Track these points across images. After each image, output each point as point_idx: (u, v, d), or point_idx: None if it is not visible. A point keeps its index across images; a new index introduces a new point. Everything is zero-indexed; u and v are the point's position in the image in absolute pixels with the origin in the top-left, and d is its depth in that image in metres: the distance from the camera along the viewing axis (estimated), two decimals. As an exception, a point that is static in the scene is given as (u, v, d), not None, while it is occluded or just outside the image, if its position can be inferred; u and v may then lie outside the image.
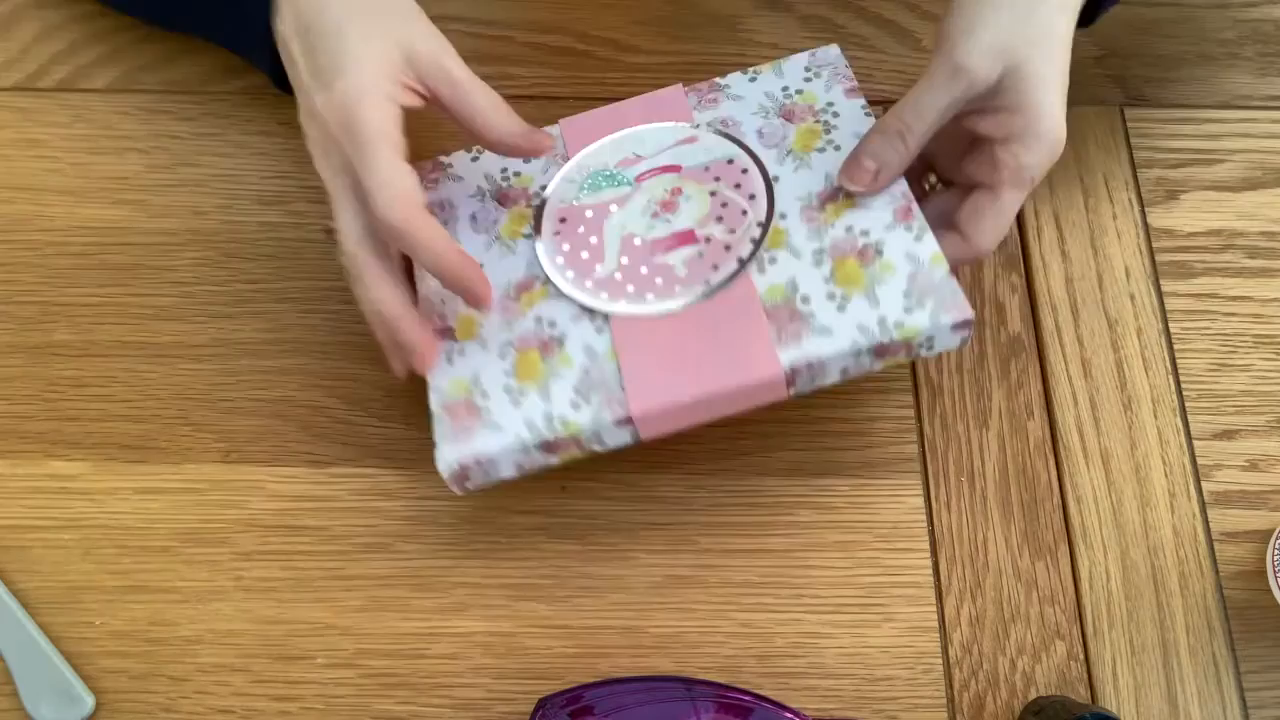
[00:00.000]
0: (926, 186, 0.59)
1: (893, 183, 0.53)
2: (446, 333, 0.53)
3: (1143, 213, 0.64)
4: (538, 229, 0.55)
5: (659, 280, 0.52)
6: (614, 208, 0.55)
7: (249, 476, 0.56)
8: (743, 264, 0.52)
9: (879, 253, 0.52)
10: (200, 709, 0.52)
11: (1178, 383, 0.59)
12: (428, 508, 0.56)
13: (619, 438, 0.50)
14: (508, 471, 0.51)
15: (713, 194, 0.55)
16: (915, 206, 0.53)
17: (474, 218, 0.56)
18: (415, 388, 0.53)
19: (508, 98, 0.52)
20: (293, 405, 0.58)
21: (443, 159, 0.58)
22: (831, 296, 0.51)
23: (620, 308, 0.52)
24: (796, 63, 0.59)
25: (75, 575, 0.54)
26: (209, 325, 0.60)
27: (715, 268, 0.52)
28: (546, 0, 0.70)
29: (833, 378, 0.51)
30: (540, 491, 0.56)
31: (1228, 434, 0.58)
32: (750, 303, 0.51)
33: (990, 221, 0.53)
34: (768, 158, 0.56)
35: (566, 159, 0.57)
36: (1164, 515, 0.56)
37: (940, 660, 0.53)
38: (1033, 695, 0.52)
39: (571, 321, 0.52)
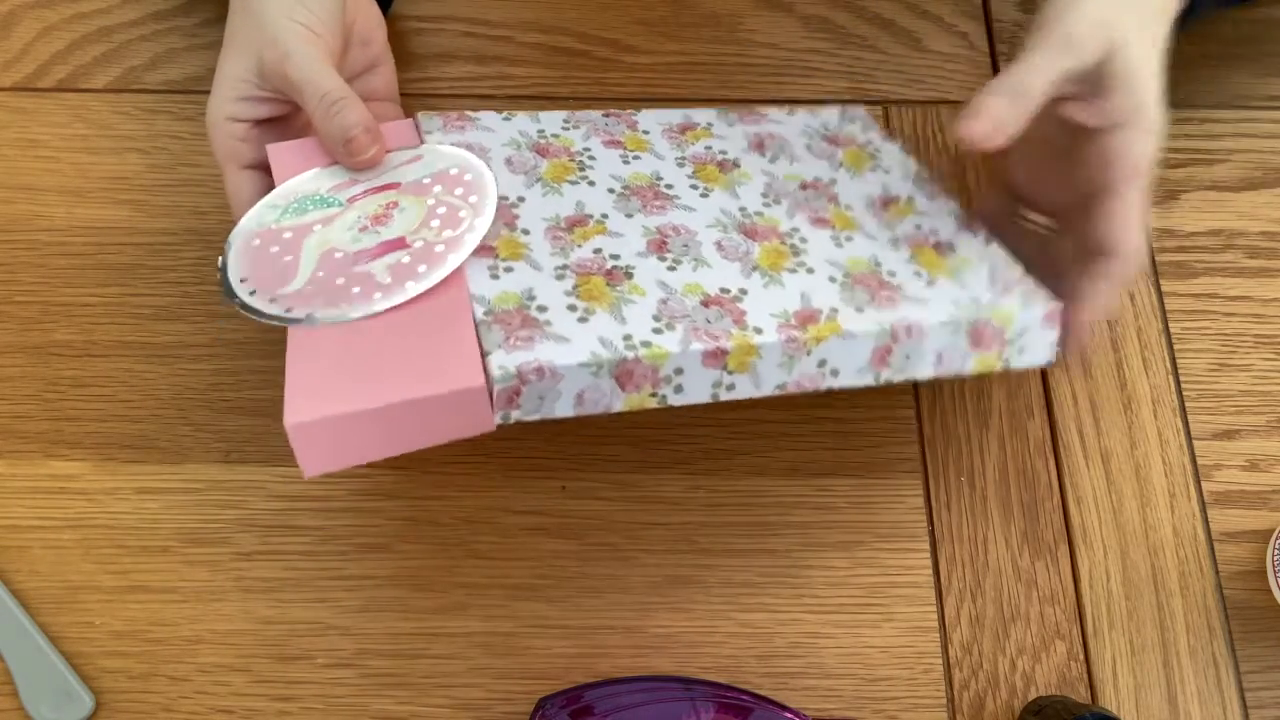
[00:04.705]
0: (1019, 221, 0.57)
1: (1008, 125, 0.48)
2: (487, 250, 0.48)
3: (1143, 213, 0.64)
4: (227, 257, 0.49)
5: (356, 290, 0.46)
6: (317, 227, 0.49)
7: (249, 476, 0.56)
8: (458, 264, 0.46)
9: (953, 248, 0.52)
10: (200, 709, 0.52)
11: (1178, 383, 0.59)
12: (428, 508, 0.56)
13: (702, 386, 0.45)
14: (567, 401, 0.44)
15: (431, 203, 0.49)
16: (978, 221, 0.54)
17: (509, 161, 0.53)
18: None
19: (508, 98, 0.52)
20: (293, 405, 0.58)
21: (469, 113, 0.55)
22: (918, 275, 0.50)
23: (307, 319, 0.45)
24: (829, 112, 0.61)
25: (75, 575, 0.54)
26: (209, 325, 0.60)
27: (422, 270, 0.46)
28: (546, 0, 0.70)
29: (926, 363, 0.48)
30: (540, 491, 0.56)
31: (1228, 434, 0.58)
32: (458, 307, 0.45)
33: (1125, 223, 0.50)
34: (817, 167, 0.55)
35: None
36: (1164, 515, 0.56)
37: (940, 660, 0.53)
38: (1033, 695, 0.52)
39: (638, 256, 0.48)
